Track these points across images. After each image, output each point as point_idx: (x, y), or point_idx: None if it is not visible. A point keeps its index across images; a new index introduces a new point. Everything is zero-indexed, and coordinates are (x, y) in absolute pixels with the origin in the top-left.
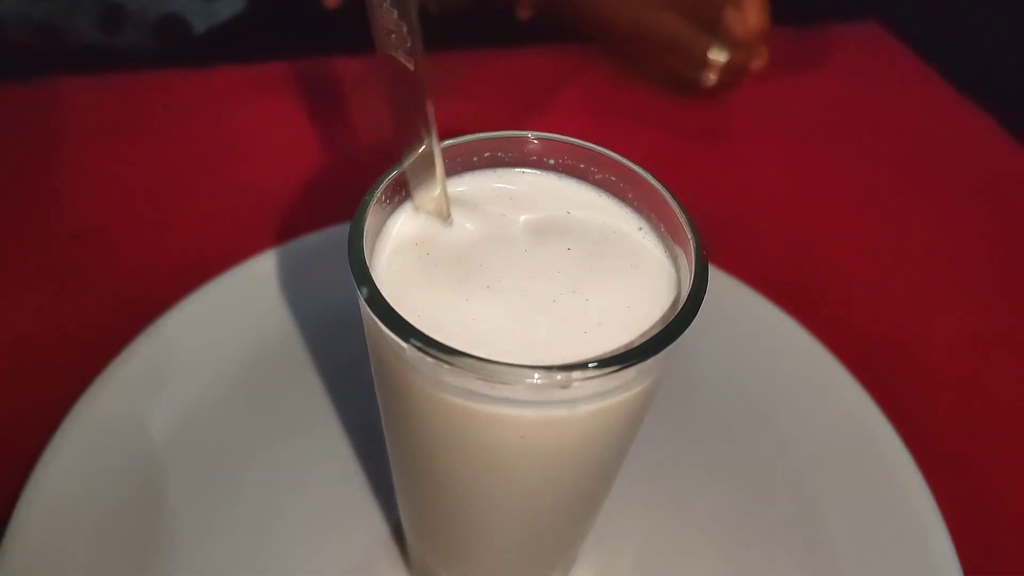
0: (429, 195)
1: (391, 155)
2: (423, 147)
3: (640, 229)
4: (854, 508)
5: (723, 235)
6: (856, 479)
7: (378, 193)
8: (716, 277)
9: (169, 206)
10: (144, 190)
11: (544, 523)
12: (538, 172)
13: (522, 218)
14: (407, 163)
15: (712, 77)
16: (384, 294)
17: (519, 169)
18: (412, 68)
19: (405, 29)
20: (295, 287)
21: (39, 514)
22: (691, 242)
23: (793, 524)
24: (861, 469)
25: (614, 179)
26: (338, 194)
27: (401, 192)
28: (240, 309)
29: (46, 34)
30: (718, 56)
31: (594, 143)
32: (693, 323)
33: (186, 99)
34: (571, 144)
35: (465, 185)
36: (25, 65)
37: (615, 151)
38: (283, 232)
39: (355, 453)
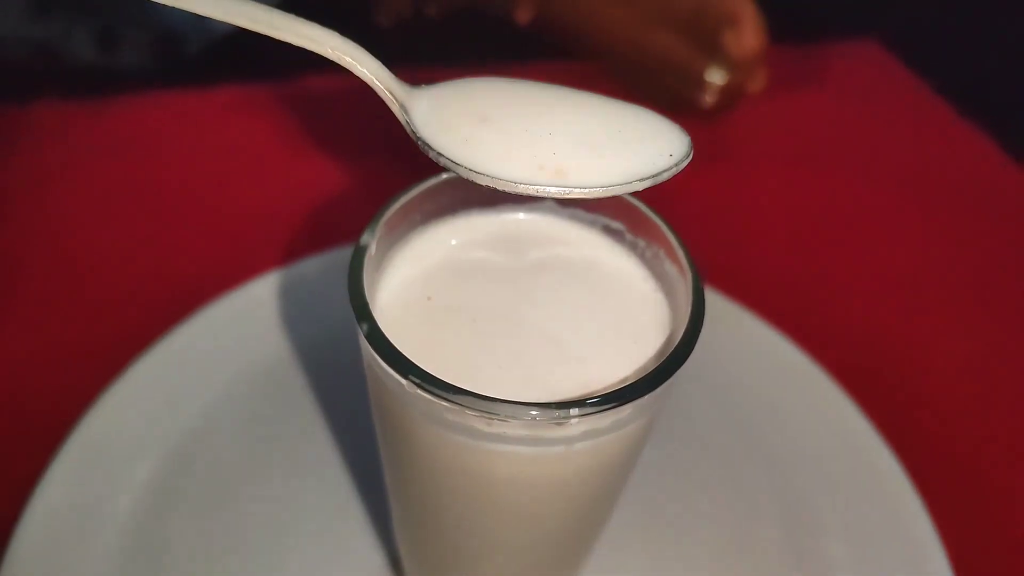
0: None
1: (392, 175)
2: None
3: (637, 263)
4: (853, 534)
5: (720, 255)
6: (856, 506)
7: (378, 228)
8: (713, 299)
9: (167, 228)
10: (141, 212)
11: (542, 554)
12: (532, 206)
13: (518, 252)
14: None
15: (709, 98)
16: (383, 329)
17: (515, 203)
18: None
19: None
20: (295, 311)
21: (38, 539)
22: (688, 276)
23: (792, 550)
24: (861, 496)
25: (610, 210)
26: (338, 215)
27: (400, 226)
28: (238, 334)
29: (44, 54)
30: (715, 77)
31: None
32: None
33: (183, 119)
34: None
35: (464, 219)
36: (23, 85)
37: None
38: (283, 254)
39: (354, 482)
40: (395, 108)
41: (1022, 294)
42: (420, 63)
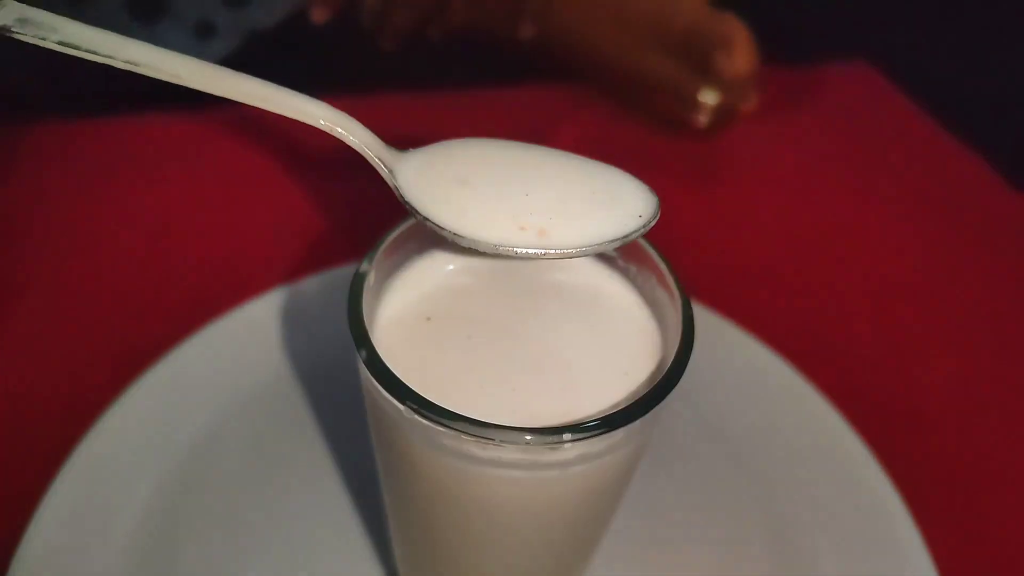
0: None
1: (390, 194)
2: None
3: (629, 288)
4: (845, 555)
5: (713, 274)
6: (848, 526)
7: (376, 256)
8: (705, 317)
9: (167, 247)
10: (141, 231)
11: (538, 572)
12: None
13: (514, 277)
14: None
15: (703, 119)
16: (381, 354)
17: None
18: None
19: None
20: (295, 330)
21: (40, 559)
22: (679, 302)
23: (783, 569)
24: (853, 516)
25: None
26: (339, 234)
27: (398, 253)
28: (239, 353)
29: (45, 76)
30: (708, 98)
31: None
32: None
33: (183, 139)
34: None
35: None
36: (25, 105)
37: None
38: (283, 273)
39: (353, 499)
40: (384, 174)
41: (1015, 312)
42: (423, 84)
